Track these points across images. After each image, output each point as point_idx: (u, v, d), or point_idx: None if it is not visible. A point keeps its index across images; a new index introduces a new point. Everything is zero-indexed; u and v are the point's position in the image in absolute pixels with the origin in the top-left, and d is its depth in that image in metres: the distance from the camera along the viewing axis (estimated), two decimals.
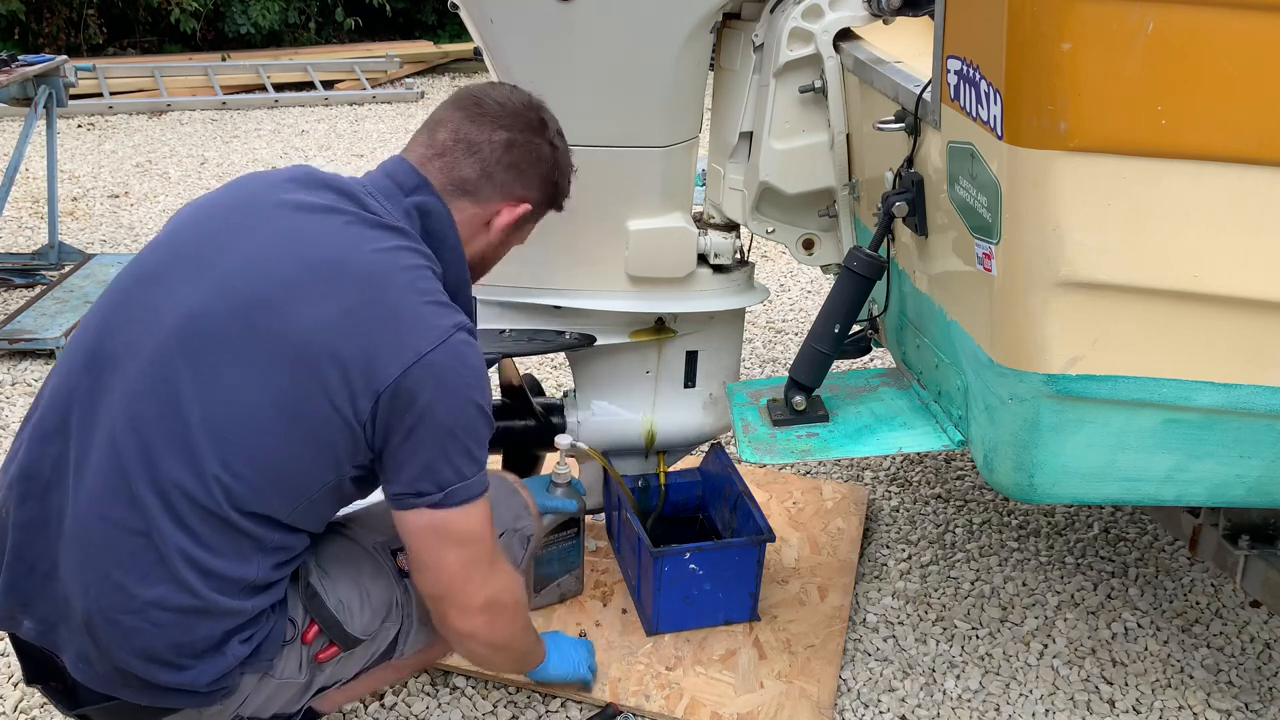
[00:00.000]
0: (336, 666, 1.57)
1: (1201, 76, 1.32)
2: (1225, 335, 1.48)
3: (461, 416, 1.44)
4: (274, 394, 1.38)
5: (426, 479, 1.44)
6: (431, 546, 1.49)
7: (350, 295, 1.41)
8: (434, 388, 1.41)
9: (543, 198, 1.66)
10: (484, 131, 1.57)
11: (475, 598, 1.53)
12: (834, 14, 1.95)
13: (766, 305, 3.85)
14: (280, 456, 1.40)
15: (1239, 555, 1.88)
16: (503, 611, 1.59)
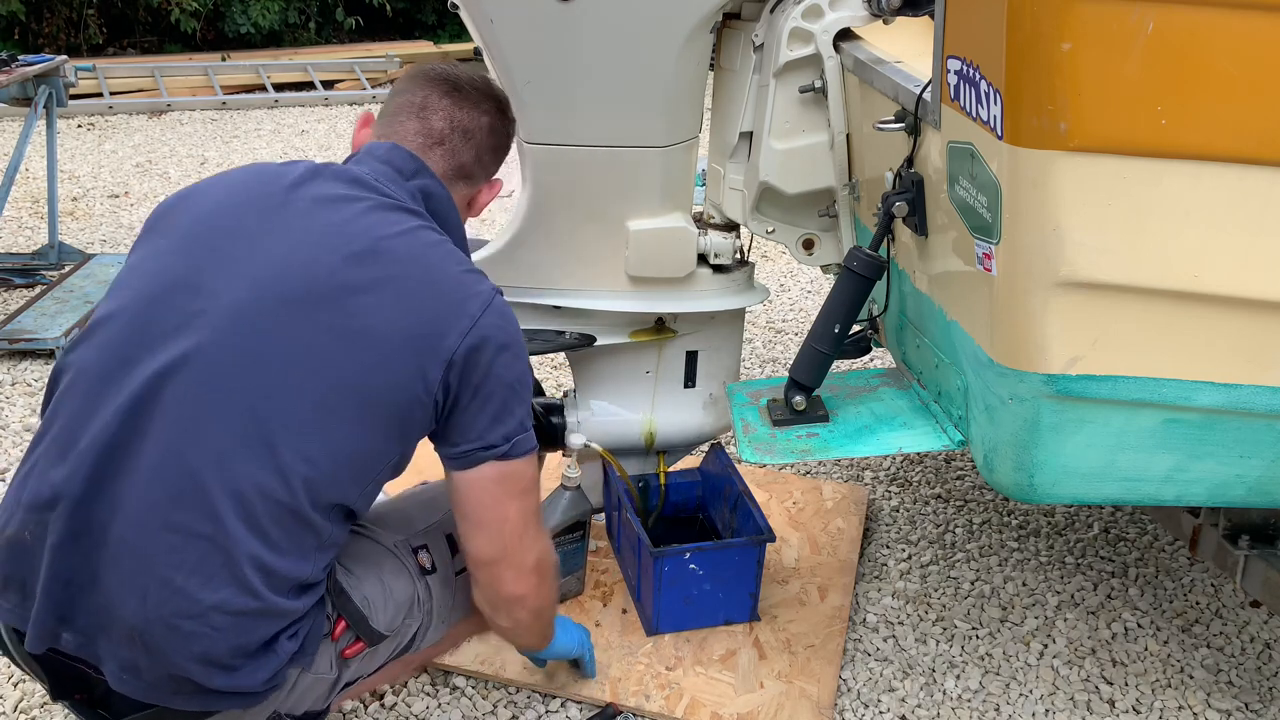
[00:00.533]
0: (361, 662, 1.59)
1: (1201, 76, 1.32)
2: (1225, 335, 1.48)
3: (517, 369, 1.53)
4: (345, 381, 1.41)
5: (495, 431, 1.50)
6: (498, 499, 1.54)
7: (394, 276, 1.46)
8: (494, 348, 1.48)
9: (497, 161, 1.72)
10: (473, 117, 1.64)
11: (529, 556, 1.59)
12: (834, 14, 1.95)
13: (766, 305, 3.85)
14: (356, 441, 1.44)
15: (1239, 555, 1.88)
16: (548, 573, 1.66)
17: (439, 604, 1.67)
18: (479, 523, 1.56)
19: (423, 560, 1.66)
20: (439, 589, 1.67)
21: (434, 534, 1.70)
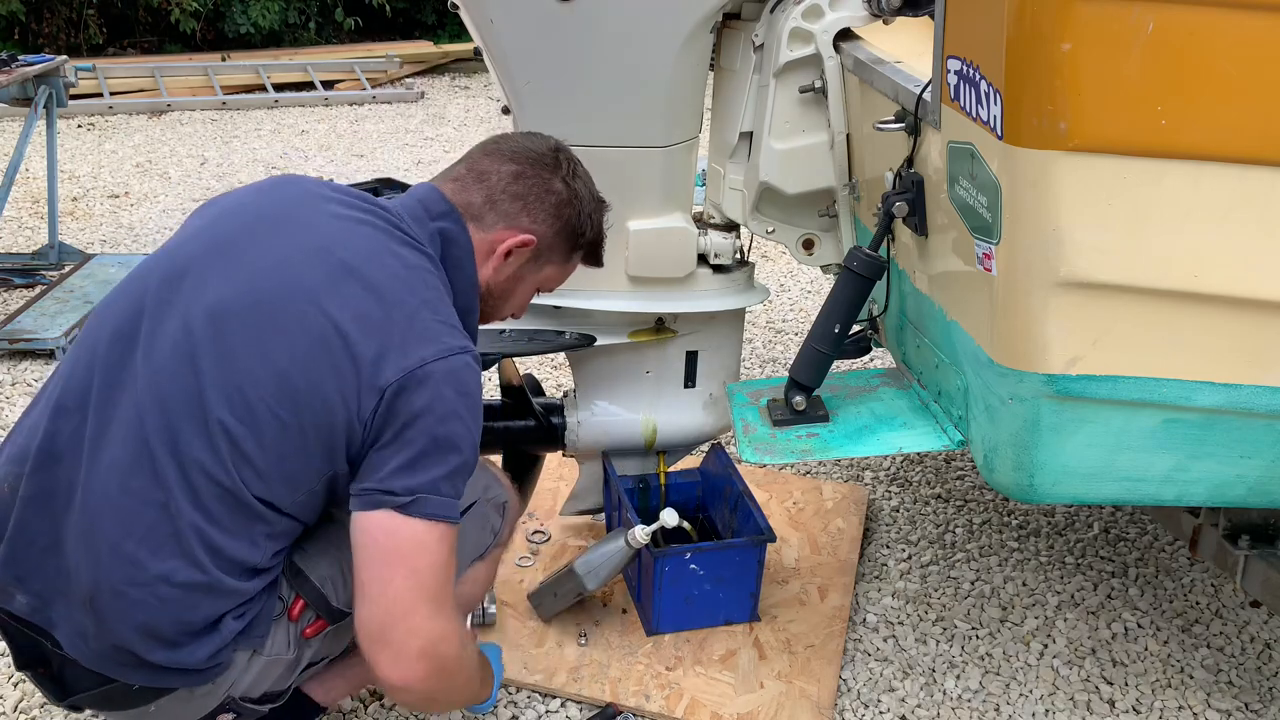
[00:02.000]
0: (325, 642, 1.58)
1: (1201, 77, 1.32)
2: (1225, 335, 1.48)
3: (449, 432, 1.45)
4: (287, 384, 1.41)
5: (399, 478, 1.42)
6: (382, 559, 1.43)
7: (371, 300, 1.45)
8: (431, 396, 1.43)
9: (553, 233, 1.65)
10: (495, 163, 1.62)
11: (412, 641, 1.43)
12: (834, 14, 1.95)
13: (766, 305, 3.85)
14: (286, 445, 1.42)
15: (1239, 555, 1.88)
16: (447, 663, 1.48)
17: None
18: (360, 585, 1.43)
19: (303, 615, 1.57)
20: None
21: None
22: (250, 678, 1.51)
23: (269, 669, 1.53)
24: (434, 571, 1.45)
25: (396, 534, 1.42)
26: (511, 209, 1.61)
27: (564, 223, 1.66)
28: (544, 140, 1.67)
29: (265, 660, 1.51)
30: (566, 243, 1.68)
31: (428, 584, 1.44)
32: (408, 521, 1.42)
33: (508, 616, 2.15)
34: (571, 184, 1.65)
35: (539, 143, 1.66)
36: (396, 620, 1.43)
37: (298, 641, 1.55)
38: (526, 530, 2.43)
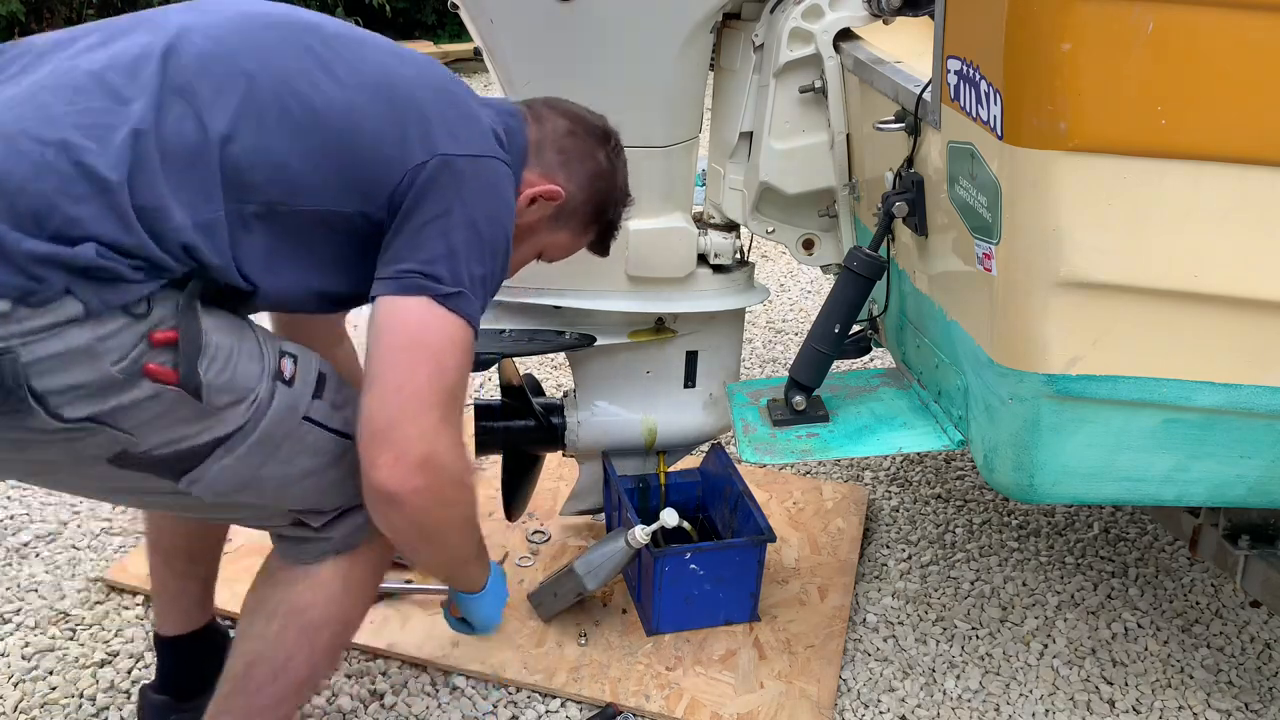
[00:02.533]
0: (155, 405, 1.28)
1: (1201, 77, 1.32)
2: (1225, 335, 1.48)
3: (496, 235, 1.43)
4: (351, 105, 1.38)
5: (446, 264, 1.36)
6: (406, 349, 1.34)
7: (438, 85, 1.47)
8: (486, 186, 1.42)
9: (581, 199, 1.64)
10: (551, 113, 1.63)
11: (419, 444, 1.33)
12: (834, 14, 1.95)
13: (766, 305, 3.85)
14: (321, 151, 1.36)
15: (1239, 555, 1.88)
16: (441, 484, 1.38)
17: (272, 429, 1.38)
18: (375, 375, 1.34)
19: (284, 365, 1.42)
20: (281, 410, 1.39)
21: (307, 358, 1.46)
22: (63, 350, 1.21)
23: (85, 361, 1.23)
24: (459, 374, 1.38)
25: (429, 326, 1.35)
26: (553, 160, 1.60)
27: (595, 193, 1.65)
28: (599, 116, 1.68)
29: (90, 339, 1.22)
30: (589, 214, 1.67)
31: (450, 386, 1.37)
32: (446, 316, 1.35)
33: (508, 617, 2.15)
34: (613, 160, 1.66)
35: (594, 115, 1.67)
36: (409, 417, 1.33)
37: (132, 364, 1.25)
38: (527, 530, 2.43)
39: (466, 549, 1.59)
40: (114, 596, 2.20)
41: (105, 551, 2.33)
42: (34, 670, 2.00)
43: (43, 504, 2.50)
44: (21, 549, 2.34)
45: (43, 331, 1.20)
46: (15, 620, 2.13)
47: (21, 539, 2.36)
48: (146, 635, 2.09)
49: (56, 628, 2.11)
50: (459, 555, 1.59)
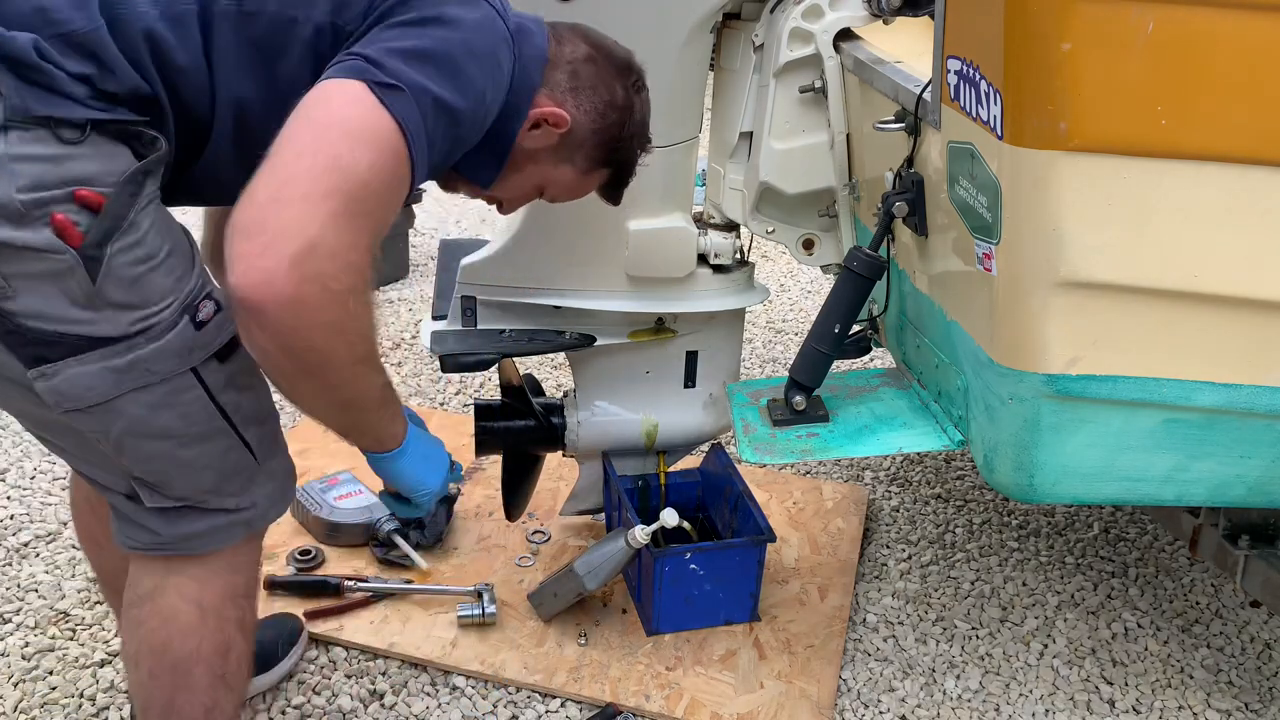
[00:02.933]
0: (43, 263, 1.16)
1: (1201, 76, 1.32)
2: (1225, 335, 1.48)
3: (466, 58, 1.29)
4: None
5: (398, 59, 1.21)
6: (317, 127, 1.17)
7: None
8: (461, 12, 1.29)
9: (589, 129, 1.50)
10: (574, 37, 1.51)
11: (295, 236, 1.11)
12: (834, 14, 1.95)
13: (766, 305, 3.85)
14: None
15: (1239, 555, 1.88)
16: (317, 291, 1.13)
17: (152, 360, 1.24)
18: (274, 148, 1.15)
19: (204, 304, 1.27)
20: (173, 345, 1.25)
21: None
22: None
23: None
24: (371, 174, 1.17)
25: (350, 111, 1.17)
26: (564, 84, 1.47)
27: (605, 125, 1.51)
28: (626, 49, 1.55)
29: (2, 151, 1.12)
30: (596, 149, 1.53)
31: (355, 183, 1.15)
32: (375, 106, 1.18)
33: (508, 616, 2.16)
34: (632, 96, 1.53)
35: (620, 47, 1.54)
36: (290, 200, 1.11)
37: (40, 203, 1.15)
38: (527, 530, 2.43)
39: (360, 389, 1.32)
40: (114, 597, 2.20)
41: None
42: (34, 670, 2.00)
43: (43, 504, 2.50)
44: (21, 549, 2.34)
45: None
46: (15, 620, 2.13)
47: (21, 539, 2.36)
48: None
49: (56, 628, 2.11)
50: (350, 397, 1.31)
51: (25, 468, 2.64)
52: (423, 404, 3.09)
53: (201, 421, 1.32)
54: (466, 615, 2.10)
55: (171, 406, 1.28)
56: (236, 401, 1.34)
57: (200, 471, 1.35)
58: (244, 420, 1.35)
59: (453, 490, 2.48)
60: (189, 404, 1.30)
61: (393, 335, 3.53)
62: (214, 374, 1.30)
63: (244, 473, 1.38)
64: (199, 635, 1.43)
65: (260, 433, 1.39)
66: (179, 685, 1.44)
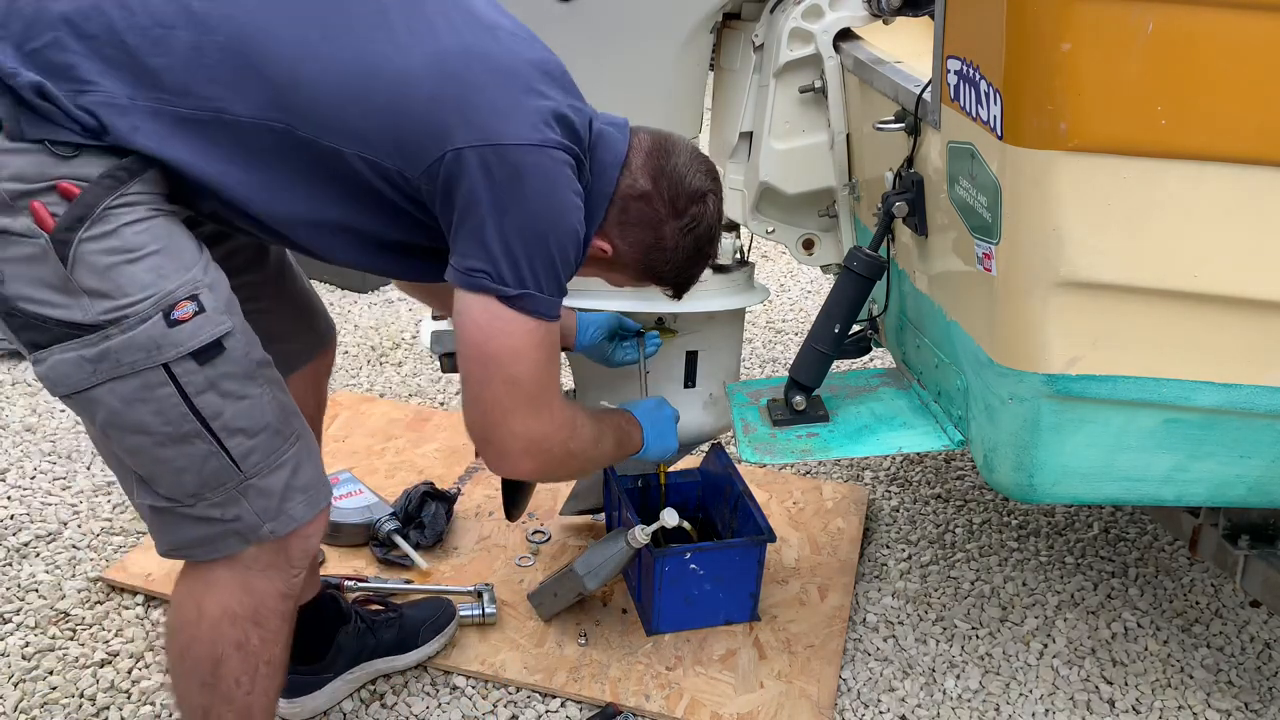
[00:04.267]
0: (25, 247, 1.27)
1: (1201, 76, 1.32)
2: (1225, 335, 1.48)
3: (560, 219, 1.44)
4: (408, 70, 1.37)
5: (509, 265, 1.41)
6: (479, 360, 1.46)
7: (501, 61, 1.42)
8: (534, 183, 1.40)
9: (631, 260, 1.63)
10: (644, 165, 1.57)
11: (513, 442, 1.51)
12: (834, 14, 1.95)
13: (766, 305, 3.85)
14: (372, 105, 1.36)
15: (1239, 555, 1.88)
16: (548, 460, 1.57)
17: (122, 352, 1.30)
18: (462, 376, 1.49)
19: (182, 304, 1.32)
20: (140, 339, 1.30)
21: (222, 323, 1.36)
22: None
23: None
24: (536, 371, 1.47)
25: (493, 336, 1.43)
26: (614, 218, 1.57)
27: (647, 262, 1.63)
28: (700, 179, 1.60)
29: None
30: (639, 274, 1.67)
31: (529, 386, 1.48)
32: (513, 319, 1.42)
33: (508, 616, 2.16)
34: (680, 239, 1.61)
35: (694, 179, 1.59)
36: (494, 426, 1.49)
37: (23, 192, 1.25)
38: (527, 530, 2.44)
39: (605, 459, 1.76)
40: (114, 596, 2.20)
41: (105, 551, 2.34)
42: (34, 670, 2.00)
43: (43, 504, 2.50)
44: (21, 549, 2.34)
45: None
46: (15, 620, 2.13)
47: (21, 539, 2.36)
48: (146, 635, 2.09)
49: (56, 628, 2.11)
50: (602, 463, 1.75)
51: (25, 468, 2.64)
52: (423, 404, 3.09)
53: (176, 421, 1.35)
54: (467, 615, 2.10)
55: (145, 401, 1.33)
56: (218, 408, 1.36)
57: (180, 473, 1.39)
58: (226, 428, 1.37)
59: (453, 490, 2.48)
60: (162, 401, 1.33)
61: (393, 335, 3.53)
62: (190, 374, 1.34)
63: (227, 483, 1.40)
64: (192, 634, 1.50)
65: (249, 445, 1.40)
66: (177, 671, 1.55)
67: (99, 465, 2.66)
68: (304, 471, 1.48)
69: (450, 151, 1.37)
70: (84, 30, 1.28)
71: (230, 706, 1.53)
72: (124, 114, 1.29)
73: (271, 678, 1.56)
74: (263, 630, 1.51)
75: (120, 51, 1.29)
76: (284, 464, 1.45)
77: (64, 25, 1.28)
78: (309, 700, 1.89)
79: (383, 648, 1.97)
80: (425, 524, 2.34)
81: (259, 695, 1.54)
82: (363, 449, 2.74)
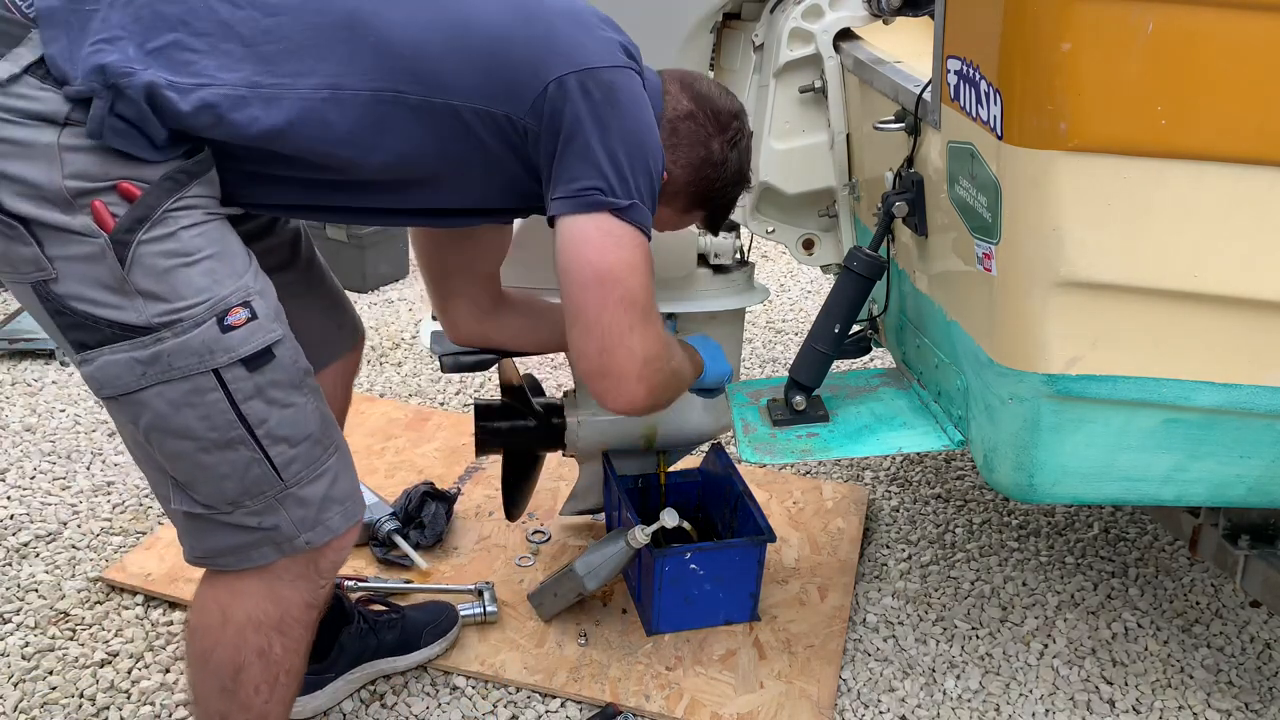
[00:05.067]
0: (82, 246, 1.27)
1: (1201, 76, 1.32)
2: (1225, 335, 1.48)
3: (649, 134, 1.51)
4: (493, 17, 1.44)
5: (616, 178, 1.45)
6: (597, 282, 1.47)
7: (568, 9, 1.51)
8: (626, 100, 1.46)
9: (684, 182, 1.65)
10: (680, 92, 1.63)
11: (629, 363, 1.51)
12: (834, 14, 1.96)
13: (766, 305, 3.85)
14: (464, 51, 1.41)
15: (1239, 555, 1.88)
16: (657, 383, 1.57)
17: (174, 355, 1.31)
18: (569, 310, 1.49)
19: (236, 310, 1.33)
20: (194, 344, 1.31)
21: (273, 332, 1.38)
22: (28, 140, 1.25)
23: (44, 159, 1.25)
24: (645, 287, 1.49)
25: (609, 251, 1.44)
26: (665, 140, 1.60)
27: (700, 179, 1.65)
28: (731, 100, 1.67)
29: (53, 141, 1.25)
30: (692, 198, 1.68)
31: (641, 302, 1.49)
32: (625, 230, 1.44)
33: (508, 616, 2.16)
34: (728, 151, 1.65)
35: (726, 100, 1.66)
36: (612, 348, 1.48)
37: (84, 190, 1.26)
38: (527, 530, 2.44)
39: (687, 383, 1.83)
40: (114, 596, 2.20)
41: (105, 551, 2.34)
42: (34, 670, 2.00)
43: (43, 504, 2.50)
44: (21, 549, 2.34)
45: (17, 114, 1.24)
46: (15, 620, 2.13)
47: (21, 539, 2.36)
48: (146, 635, 2.09)
49: (56, 628, 2.11)
50: (684, 389, 1.83)
51: (25, 468, 2.64)
52: (423, 404, 3.09)
53: (222, 427, 1.35)
54: (468, 614, 2.10)
55: (193, 406, 1.34)
56: (264, 415, 1.37)
57: (222, 480, 1.39)
58: (270, 436, 1.38)
59: (453, 490, 2.48)
60: (210, 406, 1.34)
61: (393, 335, 3.53)
62: (239, 381, 1.35)
63: (267, 491, 1.41)
64: (214, 639, 1.49)
65: (291, 453, 1.41)
66: (197, 675, 1.54)
67: (99, 465, 2.66)
68: (341, 483, 1.49)
69: (552, 82, 1.42)
70: (200, 29, 1.32)
71: (248, 714, 1.53)
72: (244, 105, 1.32)
73: (289, 687, 1.56)
74: (286, 639, 1.51)
75: (237, 44, 1.33)
76: (324, 474, 1.45)
77: (181, 26, 1.31)
78: (310, 700, 1.89)
79: (384, 648, 1.97)
80: (425, 524, 2.34)
81: (276, 704, 1.55)
82: (363, 449, 2.74)
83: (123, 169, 1.28)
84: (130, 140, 1.27)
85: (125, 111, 1.26)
